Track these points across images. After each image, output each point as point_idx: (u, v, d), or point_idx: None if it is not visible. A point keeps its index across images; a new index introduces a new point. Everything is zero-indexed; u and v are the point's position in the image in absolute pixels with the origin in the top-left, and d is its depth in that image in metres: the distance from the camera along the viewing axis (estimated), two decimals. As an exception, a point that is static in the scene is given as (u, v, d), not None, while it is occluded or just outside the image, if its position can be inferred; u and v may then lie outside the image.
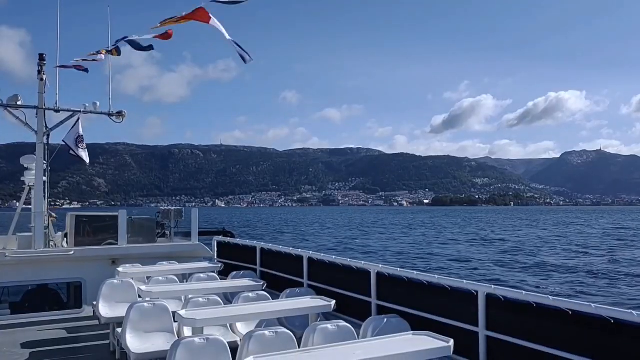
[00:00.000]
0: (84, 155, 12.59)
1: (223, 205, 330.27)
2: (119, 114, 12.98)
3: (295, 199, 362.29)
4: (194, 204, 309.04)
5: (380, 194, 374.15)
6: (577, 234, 64.73)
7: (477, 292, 5.57)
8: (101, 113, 12.82)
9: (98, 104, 12.79)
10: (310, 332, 5.60)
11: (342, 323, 5.77)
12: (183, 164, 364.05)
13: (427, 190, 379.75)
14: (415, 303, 6.41)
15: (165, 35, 9.69)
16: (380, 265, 7.28)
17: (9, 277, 10.64)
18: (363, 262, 7.75)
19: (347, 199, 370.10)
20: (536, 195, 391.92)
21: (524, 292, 5.19)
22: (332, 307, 6.88)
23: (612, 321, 4.32)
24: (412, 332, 5.45)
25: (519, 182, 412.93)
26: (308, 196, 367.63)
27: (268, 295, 7.96)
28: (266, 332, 5.45)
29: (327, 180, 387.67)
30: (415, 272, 6.70)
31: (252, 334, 5.44)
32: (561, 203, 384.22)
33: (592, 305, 4.54)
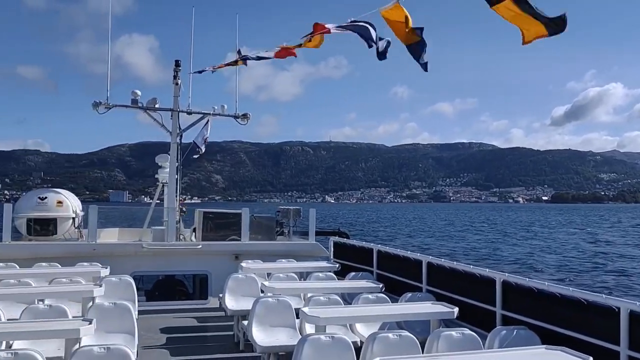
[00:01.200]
0: (198, 152, 13.44)
1: (332, 201, 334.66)
2: (244, 116, 13.69)
3: (404, 195, 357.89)
4: (304, 199, 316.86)
5: (494, 190, 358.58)
6: None
7: (619, 308, 5.20)
8: (228, 115, 13.60)
9: (225, 106, 13.58)
10: (434, 338, 5.56)
11: (467, 331, 5.68)
12: (294, 161, 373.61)
13: (545, 186, 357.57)
14: (546, 315, 6.10)
15: (289, 53, 9.98)
16: (507, 275, 7.04)
17: (145, 266, 11.56)
18: (487, 270, 7.53)
19: (458, 195, 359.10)
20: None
21: None
22: (455, 314, 6.76)
23: None
24: (544, 346, 5.20)
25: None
26: (417, 192, 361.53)
27: (387, 298, 7.98)
28: (390, 335, 5.47)
29: (437, 176, 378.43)
30: (546, 282, 6.40)
31: (375, 335, 5.48)
32: None
33: None
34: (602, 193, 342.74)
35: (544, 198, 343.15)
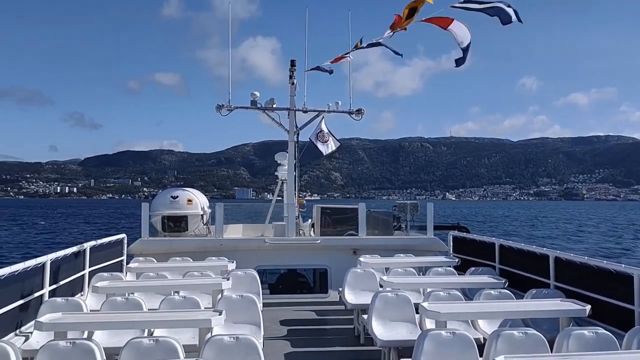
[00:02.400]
0: (322, 148, 13.65)
1: (453, 199, 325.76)
2: (358, 111, 13.78)
3: (532, 192, 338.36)
4: (424, 196, 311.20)
5: (635, 187, 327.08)
6: None
7: None
8: (342, 112, 13.76)
9: (340, 103, 13.75)
10: (564, 337, 5.26)
11: (601, 330, 5.29)
12: (413, 157, 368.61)
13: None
14: None
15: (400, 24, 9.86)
16: None
17: (267, 260, 12.02)
18: (623, 265, 6.93)
19: (592, 192, 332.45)
20: None
21: None
22: (587, 312, 6.31)
23: None
24: None
25: None
26: (546, 189, 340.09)
27: (511, 294, 7.65)
28: (515, 332, 5.24)
29: (569, 172, 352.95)
30: None
31: (499, 332, 5.28)
32: None
33: None
34: None
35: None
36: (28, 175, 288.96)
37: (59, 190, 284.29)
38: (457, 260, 10.55)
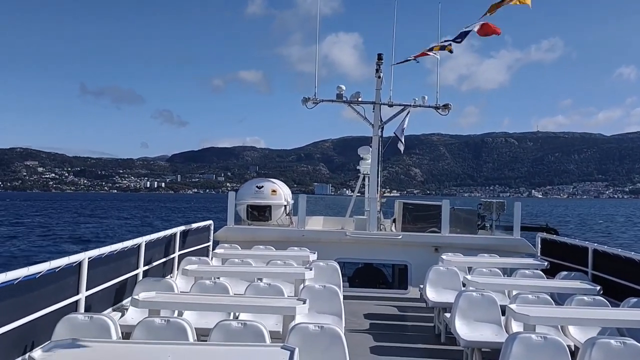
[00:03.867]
0: (401, 146, 13.53)
1: (540, 196, 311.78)
2: (445, 106, 13.51)
3: (627, 190, 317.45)
4: (508, 194, 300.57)
5: None
6: None
7: None
8: (429, 107, 13.56)
9: (426, 97, 13.56)
10: None
11: None
12: (496, 153, 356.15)
13: None
14: None
15: (493, 30, 9.57)
16: None
17: (347, 253, 12.12)
18: None
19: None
20: None
21: None
22: None
23: None
24: None
25: None
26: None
27: (606, 302, 7.24)
28: (612, 341, 4.95)
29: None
30: None
31: (594, 340, 5.02)
32: None
33: None
34: None
35: None
36: (121, 171, 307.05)
37: (148, 185, 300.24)
38: (545, 263, 10.16)
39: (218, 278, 8.25)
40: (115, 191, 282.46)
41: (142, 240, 8.58)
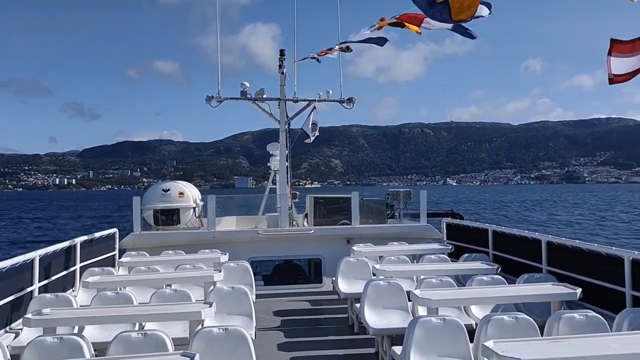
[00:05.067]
0: (308, 140, 13.60)
1: (454, 184, 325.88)
2: (349, 100, 13.69)
3: (533, 176, 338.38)
4: (424, 182, 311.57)
5: (636, 169, 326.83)
6: None
7: None
8: (333, 101, 13.67)
9: (330, 92, 13.65)
10: (554, 321, 5.28)
11: (591, 313, 5.31)
12: (413, 143, 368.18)
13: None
14: None
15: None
16: (636, 252, 6.51)
17: (261, 252, 11.99)
18: (614, 248, 6.91)
19: (594, 175, 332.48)
20: None
21: None
22: (578, 295, 6.29)
23: None
24: None
25: None
26: (547, 173, 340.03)
27: (503, 279, 7.63)
28: (505, 317, 5.25)
29: (570, 155, 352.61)
30: None
31: (489, 317, 5.28)
32: None
33: None
34: None
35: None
36: (26, 168, 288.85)
37: (57, 182, 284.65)
38: (450, 247, 10.55)
39: (124, 288, 7.93)
40: (21, 189, 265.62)
41: (36, 254, 8.05)
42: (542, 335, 5.20)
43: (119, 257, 11.18)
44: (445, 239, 11.96)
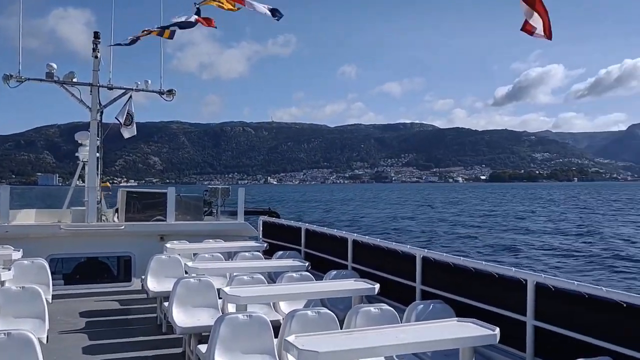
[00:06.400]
0: (126, 132, 12.86)
1: (275, 183, 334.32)
2: (170, 92, 13.12)
3: (347, 175, 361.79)
4: (246, 181, 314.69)
5: (434, 170, 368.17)
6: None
7: (526, 280, 5.36)
8: (152, 91, 12.99)
9: (149, 82, 12.94)
10: (352, 314, 5.57)
11: (385, 306, 5.72)
12: (235, 142, 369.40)
13: (483, 165, 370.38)
14: (461, 289, 6.26)
15: (209, 22, 9.57)
16: (426, 250, 7.16)
17: (63, 249, 11.06)
18: (409, 246, 7.64)
19: (399, 175, 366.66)
20: (601, 170, 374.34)
21: (576, 282, 4.96)
22: (376, 290, 6.79)
23: None
24: (456, 318, 5.30)
25: (581, 157, 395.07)
26: (360, 173, 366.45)
27: (312, 276, 7.98)
28: (308, 312, 5.44)
29: (379, 156, 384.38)
30: (462, 258, 6.54)
31: (294, 313, 5.43)
32: (629, 178, 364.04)
33: None
34: (537, 172, 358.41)
35: (482, 177, 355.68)
36: None
37: None
38: (265, 245, 10.71)
39: None
40: None
41: None
42: (341, 329, 5.49)
43: None
44: (261, 236, 12.12)
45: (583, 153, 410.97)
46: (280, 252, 10.24)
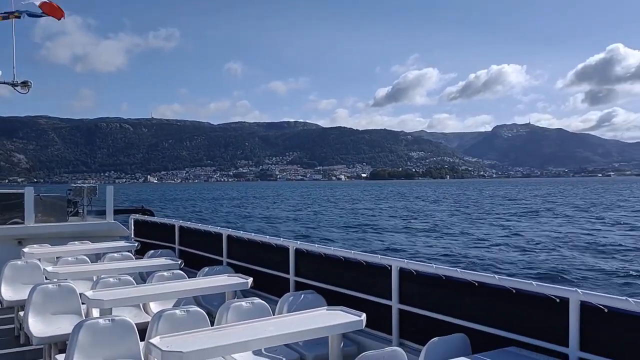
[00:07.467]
0: None
1: (155, 182, 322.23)
2: (24, 84, 12.02)
3: (231, 174, 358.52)
4: (124, 180, 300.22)
5: (318, 168, 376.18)
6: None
7: (390, 266, 5.56)
8: (3, 83, 11.86)
9: (0, 72, 11.80)
10: (224, 310, 5.48)
11: (257, 300, 5.69)
12: (111, 139, 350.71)
13: (364, 164, 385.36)
14: (332, 279, 6.38)
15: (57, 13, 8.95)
16: (299, 242, 7.22)
17: None
18: (282, 239, 7.68)
19: (284, 173, 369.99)
20: (470, 168, 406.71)
21: (434, 265, 5.24)
22: (249, 284, 6.75)
23: (514, 291, 4.46)
24: (326, 307, 5.42)
25: (453, 155, 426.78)
26: (244, 171, 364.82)
27: (184, 274, 7.75)
28: (177, 311, 5.25)
29: (264, 154, 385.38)
30: (332, 247, 6.67)
31: (161, 313, 5.22)
32: (494, 175, 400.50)
33: (496, 277, 4.67)
34: (413, 170, 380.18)
35: (363, 175, 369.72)
36: None
37: None
38: (137, 244, 10.25)
39: None
40: None
41: None
42: (213, 325, 5.36)
43: None
44: (132, 236, 11.60)
45: (454, 152, 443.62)
46: (152, 251, 9.86)
